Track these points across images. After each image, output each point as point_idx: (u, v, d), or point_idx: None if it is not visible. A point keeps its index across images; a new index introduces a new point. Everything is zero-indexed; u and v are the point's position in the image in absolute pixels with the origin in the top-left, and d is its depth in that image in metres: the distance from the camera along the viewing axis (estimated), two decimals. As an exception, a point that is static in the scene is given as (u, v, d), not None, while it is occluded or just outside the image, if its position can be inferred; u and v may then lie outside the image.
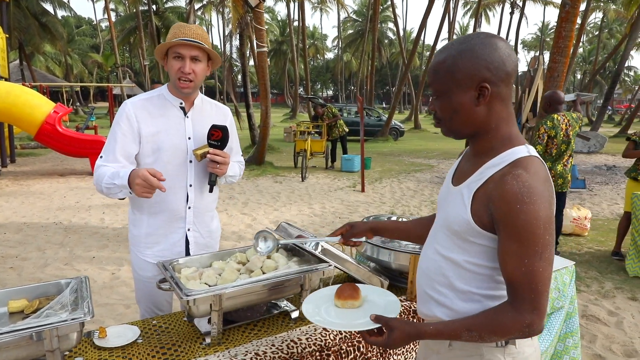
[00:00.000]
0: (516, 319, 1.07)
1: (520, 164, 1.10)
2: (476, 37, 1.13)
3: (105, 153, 1.92)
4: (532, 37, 66.43)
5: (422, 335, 1.16)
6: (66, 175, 9.89)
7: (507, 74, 1.12)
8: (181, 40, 1.84)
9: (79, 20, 47.53)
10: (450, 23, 31.02)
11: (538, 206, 1.04)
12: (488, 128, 1.17)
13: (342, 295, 1.39)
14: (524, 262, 1.06)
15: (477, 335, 1.11)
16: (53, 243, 5.32)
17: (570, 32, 5.13)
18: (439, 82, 1.16)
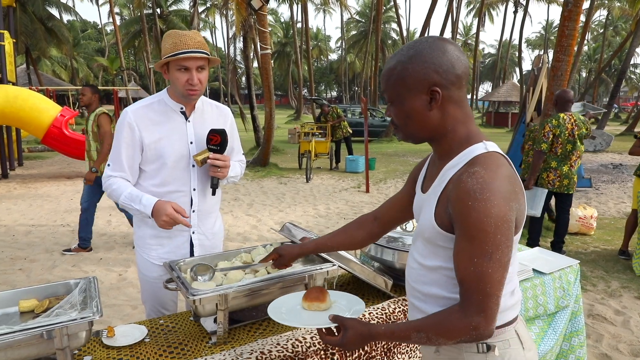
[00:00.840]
0: (462, 321, 1.04)
1: (477, 162, 1.08)
2: (425, 41, 1.12)
3: (113, 162, 1.96)
4: (536, 35, 66.19)
5: (374, 337, 1.16)
6: (73, 178, 9.97)
7: (458, 76, 1.11)
8: (188, 55, 1.83)
9: (84, 24, 47.86)
10: (454, 23, 30.98)
11: (490, 203, 1.01)
12: (444, 131, 1.16)
13: (309, 298, 1.40)
14: (473, 262, 1.03)
15: (425, 337, 1.09)
16: (61, 244, 5.37)
17: (574, 30, 5.13)
18: (391, 89, 1.16)
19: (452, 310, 1.08)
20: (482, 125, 30.98)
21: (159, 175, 1.96)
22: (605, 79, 47.87)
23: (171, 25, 28.56)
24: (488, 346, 1.16)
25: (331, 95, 73.95)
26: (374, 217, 1.55)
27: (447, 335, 1.07)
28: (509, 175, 1.07)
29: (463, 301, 1.06)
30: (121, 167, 1.94)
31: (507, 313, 1.20)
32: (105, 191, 1.99)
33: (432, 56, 1.09)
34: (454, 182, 1.10)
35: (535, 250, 2.71)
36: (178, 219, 1.83)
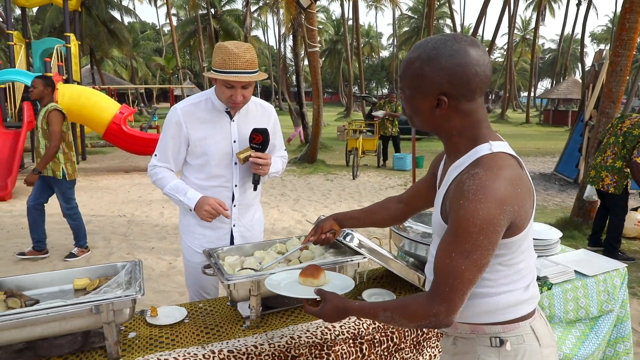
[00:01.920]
0: (425, 306, 1.09)
1: (480, 163, 1.09)
2: (450, 44, 1.09)
3: (159, 152, 2.11)
4: (602, 29, 62.44)
5: (348, 311, 1.25)
6: (130, 172, 10.53)
7: (471, 91, 1.10)
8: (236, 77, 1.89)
9: (143, 25, 50.21)
10: (511, 17, 29.86)
11: (480, 205, 1.02)
12: (450, 132, 1.18)
13: (304, 273, 1.52)
14: (450, 256, 1.06)
15: (390, 317, 1.15)
16: (117, 234, 5.72)
17: (635, 23, 4.83)
18: (405, 80, 1.17)
19: (419, 296, 1.14)
20: (540, 124, 29.68)
21: (204, 170, 2.09)
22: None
23: (224, 24, 29.41)
24: (501, 340, 1.17)
25: (382, 92, 73.32)
26: (399, 200, 1.65)
27: (409, 317, 1.13)
28: (511, 177, 1.07)
29: (431, 289, 1.11)
30: (166, 159, 2.09)
31: (520, 307, 1.20)
32: (150, 178, 2.16)
33: (450, 65, 1.08)
34: (456, 182, 1.13)
35: (581, 251, 2.62)
36: (219, 209, 2.00)
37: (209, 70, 1.99)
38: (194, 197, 2.03)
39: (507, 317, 1.18)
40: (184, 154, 2.10)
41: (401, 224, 2.05)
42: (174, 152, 2.08)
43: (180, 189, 2.06)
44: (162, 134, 2.10)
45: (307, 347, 1.65)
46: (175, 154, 2.09)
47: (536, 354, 1.18)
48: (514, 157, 1.13)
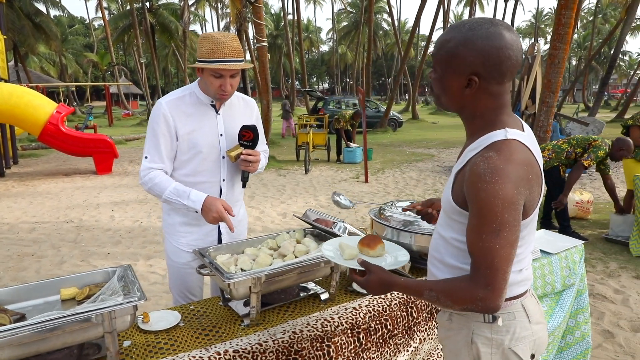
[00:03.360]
0: (470, 290, 1.11)
1: (493, 147, 1.14)
2: (486, 26, 1.13)
3: (150, 153, 1.99)
4: (526, 24, 66.37)
5: (392, 285, 1.26)
6: (71, 175, 9.95)
7: (501, 73, 1.14)
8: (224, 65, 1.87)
9: (71, 19, 47.27)
10: (445, 12, 31.01)
11: (499, 186, 1.07)
12: (474, 113, 1.23)
13: (362, 242, 1.53)
14: (481, 238, 1.10)
15: (435, 297, 1.17)
16: (67, 241, 5.41)
17: (570, 19, 5.20)
18: (438, 60, 1.21)
19: (463, 279, 1.16)
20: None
21: (190, 165, 2.03)
22: (595, 66, 48.21)
23: (161, 19, 28.31)
24: (494, 317, 1.24)
25: (323, 87, 73.79)
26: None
27: (454, 300, 1.15)
28: (523, 162, 1.12)
29: (472, 273, 1.14)
30: (160, 158, 1.98)
31: (513, 288, 1.27)
32: (144, 185, 2.01)
33: (485, 46, 1.12)
34: (470, 164, 1.17)
35: (541, 232, 2.81)
36: (225, 219, 1.91)
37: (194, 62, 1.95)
38: (198, 199, 1.93)
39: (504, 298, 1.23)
40: (175, 149, 2.02)
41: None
42: (167, 149, 1.99)
43: (182, 192, 1.94)
44: (149, 133, 2.01)
45: (308, 341, 1.67)
46: (169, 152, 2.00)
47: (526, 330, 1.26)
48: (526, 146, 1.17)
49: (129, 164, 11.30)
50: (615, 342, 3.08)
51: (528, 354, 1.27)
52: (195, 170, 2.03)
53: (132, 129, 21.72)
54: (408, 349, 1.97)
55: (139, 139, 17.27)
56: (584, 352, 2.62)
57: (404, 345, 1.96)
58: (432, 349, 2.12)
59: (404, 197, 7.75)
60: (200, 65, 1.91)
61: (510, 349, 1.25)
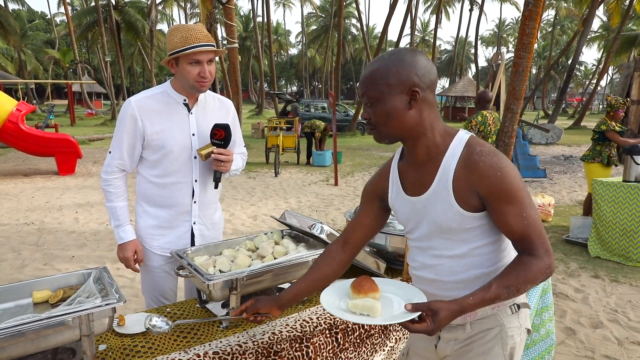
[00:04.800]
0: (540, 265, 1.17)
1: (472, 144, 1.24)
2: (404, 50, 1.25)
3: (114, 149, 2.00)
4: (489, 33, 68.42)
5: (465, 309, 1.16)
6: (31, 175, 9.57)
7: (432, 81, 1.24)
8: (201, 49, 1.87)
9: (31, 14, 45.48)
10: (412, 20, 31.61)
11: (510, 167, 1.20)
12: (422, 130, 1.26)
13: (363, 290, 1.28)
14: (523, 217, 1.19)
15: (515, 290, 1.17)
16: (28, 244, 5.20)
17: (533, 29, 5.42)
18: (374, 89, 1.23)
19: (527, 260, 1.18)
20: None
21: (161, 165, 2.00)
22: (554, 75, 50.21)
23: (127, 17, 27.63)
24: (518, 305, 1.36)
25: (291, 90, 73.77)
26: (343, 244, 1.53)
27: (532, 280, 1.18)
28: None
29: (532, 250, 1.19)
30: (121, 155, 1.99)
31: None
32: (102, 182, 2.04)
33: (412, 61, 1.22)
34: (465, 168, 1.22)
35: (509, 234, 2.91)
36: (130, 265, 2.06)
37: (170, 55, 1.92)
38: (126, 237, 2.04)
39: None
40: (139, 149, 2.00)
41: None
42: (129, 147, 1.98)
43: (119, 217, 2.05)
44: (116, 129, 1.99)
45: (287, 342, 1.67)
46: (131, 149, 1.98)
47: (528, 309, 1.42)
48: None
49: (92, 165, 10.97)
50: (576, 339, 3.22)
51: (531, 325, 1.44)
52: (166, 171, 2.01)
53: (95, 129, 21.08)
54: (384, 348, 2.01)
55: (103, 139, 16.79)
56: (549, 349, 2.73)
57: (380, 345, 1.99)
58: (407, 348, 2.16)
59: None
60: (174, 56, 1.89)
61: (526, 328, 1.39)
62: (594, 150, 5.65)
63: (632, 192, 4.63)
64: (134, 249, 2.05)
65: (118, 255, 2.08)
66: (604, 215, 4.85)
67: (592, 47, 50.89)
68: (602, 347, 3.12)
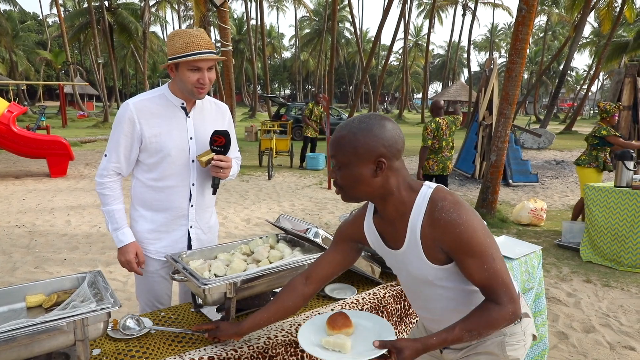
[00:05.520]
0: (502, 311, 1.23)
1: (434, 199, 1.28)
2: (373, 118, 1.29)
3: (109, 152, 1.98)
4: (482, 38, 68.97)
5: (429, 348, 1.25)
6: (22, 177, 9.48)
7: (398, 150, 1.30)
8: (202, 57, 1.86)
9: (23, 15, 45.11)
10: (406, 24, 31.78)
11: (470, 222, 1.23)
12: (389, 192, 1.32)
13: (336, 326, 1.41)
14: (484, 268, 1.23)
15: (477, 333, 1.25)
16: (19, 247, 5.15)
17: (527, 35, 5.47)
18: (342, 155, 1.29)
19: (490, 307, 1.25)
20: (433, 124, 31.89)
21: (158, 169, 1.99)
22: (545, 80, 50.68)
23: (120, 18, 27.53)
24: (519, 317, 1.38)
25: (285, 93, 73.82)
26: (305, 278, 1.56)
27: (494, 326, 1.25)
28: (456, 196, 1.30)
29: (494, 298, 1.25)
30: (117, 158, 1.97)
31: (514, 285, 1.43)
32: (97, 185, 2.02)
33: (380, 132, 1.27)
34: (431, 225, 1.27)
35: (502, 237, 2.93)
36: (133, 267, 2.03)
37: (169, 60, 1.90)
38: (125, 240, 2.01)
39: None
40: (136, 152, 1.98)
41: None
42: (126, 150, 1.96)
43: (116, 220, 2.01)
44: (112, 132, 1.97)
45: (283, 346, 1.67)
46: (127, 153, 1.97)
47: (530, 313, 1.50)
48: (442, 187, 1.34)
49: (85, 167, 10.89)
50: (569, 343, 3.24)
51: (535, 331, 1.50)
52: (163, 174, 2.00)
53: (87, 131, 20.94)
54: (379, 352, 2.01)
55: (95, 141, 16.68)
56: (542, 353, 2.74)
57: (375, 349, 1.99)
58: (402, 352, 2.16)
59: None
60: (175, 61, 1.87)
61: (532, 334, 1.47)
62: (590, 155, 5.67)
63: (624, 197, 4.68)
64: (135, 251, 2.02)
65: (119, 259, 2.04)
66: (595, 220, 4.89)
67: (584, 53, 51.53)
68: (594, 352, 3.14)
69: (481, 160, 9.88)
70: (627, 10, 20.89)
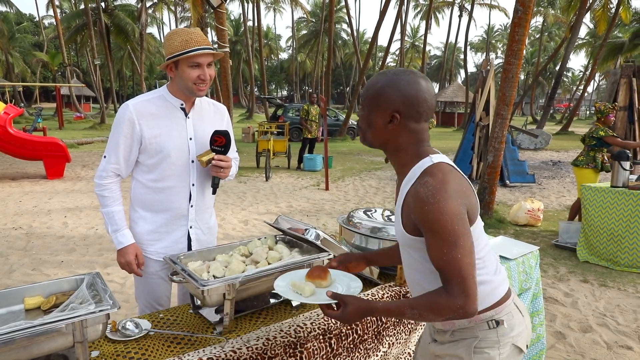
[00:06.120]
0: (449, 301, 1.20)
1: (427, 173, 1.28)
2: (408, 74, 1.32)
3: (109, 153, 1.98)
4: (478, 39, 69.12)
5: (372, 311, 1.31)
6: (18, 179, 9.45)
7: (419, 113, 1.32)
8: (202, 52, 1.88)
9: (19, 16, 44.94)
10: (403, 25, 31.83)
11: (442, 204, 1.20)
12: (396, 148, 1.37)
13: (312, 275, 1.52)
14: (443, 252, 1.21)
15: (418, 313, 1.25)
16: (15, 249, 5.13)
17: (523, 36, 5.49)
18: (366, 98, 1.37)
19: (440, 292, 1.24)
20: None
21: (158, 170, 2.00)
22: (542, 81, 50.84)
23: (116, 20, 27.48)
24: (497, 322, 1.36)
25: (282, 94, 73.82)
26: None
27: (437, 313, 1.23)
28: (455, 179, 1.27)
29: (446, 285, 1.22)
30: (117, 159, 1.98)
31: (499, 289, 1.39)
32: (96, 187, 2.02)
33: (406, 90, 1.30)
34: (411, 194, 1.29)
35: (500, 238, 2.94)
36: (133, 269, 2.02)
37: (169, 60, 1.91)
38: (125, 241, 2.01)
39: (493, 301, 1.36)
40: (135, 154, 1.99)
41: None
42: (126, 152, 1.97)
43: (116, 221, 2.02)
44: (112, 133, 1.98)
45: (282, 347, 1.67)
46: (127, 154, 1.98)
47: (522, 324, 1.41)
48: (452, 165, 1.33)
49: (81, 169, 10.86)
50: (566, 343, 3.26)
51: (525, 345, 1.41)
52: (163, 175, 2.00)
53: (84, 132, 20.89)
54: (378, 353, 2.01)
55: (92, 142, 16.63)
56: (540, 353, 2.75)
57: (373, 350, 2.00)
58: (400, 353, 2.17)
59: (364, 204, 7.86)
60: (175, 59, 1.89)
61: (514, 345, 1.38)
62: (587, 156, 5.71)
63: (620, 197, 4.70)
64: (135, 253, 2.02)
65: (119, 261, 2.03)
66: (592, 220, 4.91)
67: (580, 53, 51.73)
68: (591, 351, 3.15)
69: (478, 161, 9.90)
70: (623, 12, 21.01)
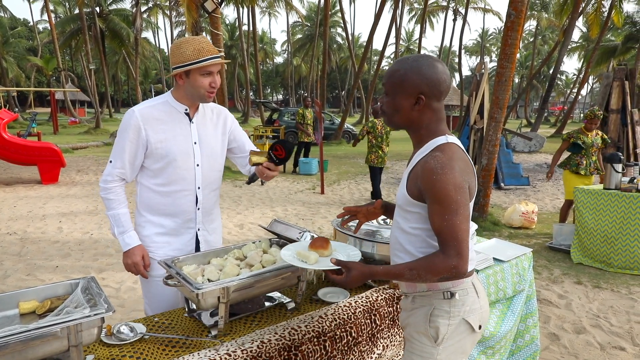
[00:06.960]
0: (445, 261, 1.36)
1: (439, 149, 1.44)
2: (426, 58, 1.47)
3: (115, 158, 2.01)
4: (473, 42, 69.51)
5: (374, 275, 1.46)
6: (12, 184, 9.41)
7: (440, 92, 1.46)
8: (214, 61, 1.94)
9: (14, 21, 44.81)
10: (397, 29, 31.99)
11: (448, 176, 1.35)
12: (419, 126, 1.51)
13: (314, 245, 1.65)
14: (444, 218, 1.36)
15: (416, 274, 1.39)
16: (10, 254, 5.11)
17: (516, 40, 5.54)
18: (391, 85, 1.50)
19: (437, 254, 1.39)
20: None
21: (164, 174, 2.03)
22: (536, 84, 51.16)
23: (111, 25, 27.48)
24: (451, 293, 1.50)
25: (277, 98, 73.89)
26: None
27: (435, 272, 1.37)
28: (462, 158, 1.44)
29: (443, 247, 1.38)
30: (122, 164, 2.01)
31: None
32: (101, 190, 2.05)
33: (427, 72, 1.44)
34: (421, 164, 1.45)
35: (493, 240, 2.96)
36: (140, 270, 2.05)
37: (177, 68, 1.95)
38: (132, 242, 2.04)
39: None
40: (141, 159, 2.02)
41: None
42: (131, 157, 2.00)
43: (122, 223, 2.04)
44: (117, 139, 2.01)
45: (276, 350, 1.68)
46: (132, 159, 2.01)
47: (476, 304, 1.54)
48: (461, 148, 1.50)
49: (76, 174, 10.83)
50: (560, 344, 3.28)
51: (477, 324, 1.54)
52: (169, 179, 2.04)
53: (79, 137, 20.81)
54: (372, 355, 2.03)
55: (86, 147, 16.59)
56: (534, 355, 2.77)
57: (368, 352, 2.01)
58: (394, 355, 2.18)
59: (360, 208, 7.87)
60: (187, 68, 1.92)
61: (464, 319, 1.52)
62: (567, 158, 5.93)
63: (613, 199, 4.74)
64: (142, 254, 2.05)
65: (125, 262, 2.05)
66: (585, 222, 4.95)
67: (573, 57, 52.12)
68: (585, 353, 3.18)
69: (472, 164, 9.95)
70: (615, 15, 21.20)
